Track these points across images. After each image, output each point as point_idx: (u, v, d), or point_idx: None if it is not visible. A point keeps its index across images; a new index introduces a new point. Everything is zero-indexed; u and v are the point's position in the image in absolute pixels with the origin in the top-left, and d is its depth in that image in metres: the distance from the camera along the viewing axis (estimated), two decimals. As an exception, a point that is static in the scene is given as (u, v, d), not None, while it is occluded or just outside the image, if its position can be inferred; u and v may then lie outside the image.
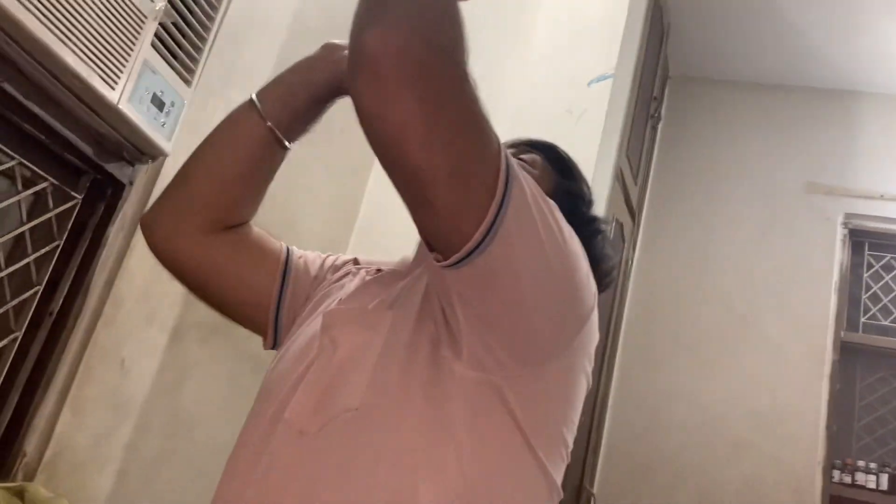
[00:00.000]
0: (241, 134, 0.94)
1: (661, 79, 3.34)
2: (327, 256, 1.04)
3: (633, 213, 3.13)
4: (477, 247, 0.69)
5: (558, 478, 0.82)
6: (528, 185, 0.73)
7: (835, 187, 3.33)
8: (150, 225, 0.97)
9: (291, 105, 0.94)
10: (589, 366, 0.84)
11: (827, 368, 3.05)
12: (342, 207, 2.29)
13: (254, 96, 0.95)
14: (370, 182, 2.37)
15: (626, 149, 2.65)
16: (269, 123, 0.93)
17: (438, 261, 0.72)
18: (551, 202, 0.77)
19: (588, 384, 0.85)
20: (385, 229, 2.29)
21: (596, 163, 2.22)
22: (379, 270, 0.97)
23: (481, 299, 0.74)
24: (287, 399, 0.81)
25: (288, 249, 1.01)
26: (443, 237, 0.71)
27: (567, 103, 2.29)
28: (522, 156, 0.98)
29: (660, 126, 3.45)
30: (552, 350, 0.79)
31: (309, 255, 1.03)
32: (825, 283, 3.17)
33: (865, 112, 3.41)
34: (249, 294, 0.97)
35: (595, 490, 2.83)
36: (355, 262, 1.02)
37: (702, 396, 3.09)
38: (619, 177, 2.56)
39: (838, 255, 3.22)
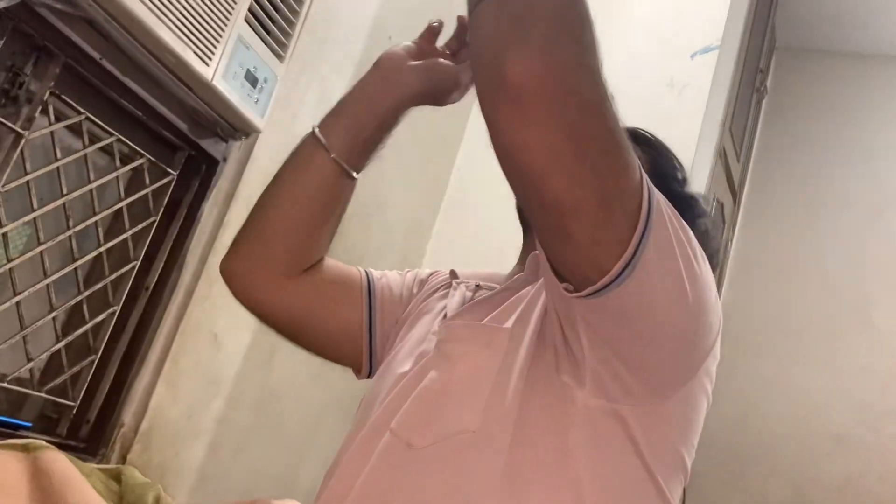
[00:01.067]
0: (309, 173, 0.91)
1: (768, 50, 3.15)
2: (407, 272, 1.02)
3: (735, 192, 2.98)
4: (614, 280, 0.65)
5: (675, 499, 0.78)
6: (668, 214, 0.69)
7: (958, 166, 3.08)
8: (230, 275, 0.95)
9: (359, 137, 0.91)
10: (710, 385, 0.80)
11: (943, 362, 2.85)
12: (429, 185, 2.26)
13: (317, 131, 0.91)
14: (458, 157, 2.33)
15: (730, 125, 2.51)
16: (334, 156, 0.90)
17: (570, 290, 0.69)
18: (685, 225, 0.72)
19: (708, 403, 0.81)
20: (473, 207, 2.25)
21: (698, 139, 2.11)
22: (478, 286, 0.93)
23: (613, 331, 0.70)
24: (394, 409, 0.80)
25: (368, 275, 0.99)
26: (579, 270, 0.67)
27: (669, 76, 2.18)
28: None
29: (765, 100, 3.27)
30: (682, 377, 0.76)
31: (390, 276, 1.01)
32: (945, 270, 2.95)
33: None
34: (339, 329, 0.96)
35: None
36: (453, 274, 0.98)
37: (803, 387, 2.94)
38: (721, 154, 2.43)
39: (960, 240, 2.99)
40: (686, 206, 0.86)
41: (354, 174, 0.92)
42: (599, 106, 0.62)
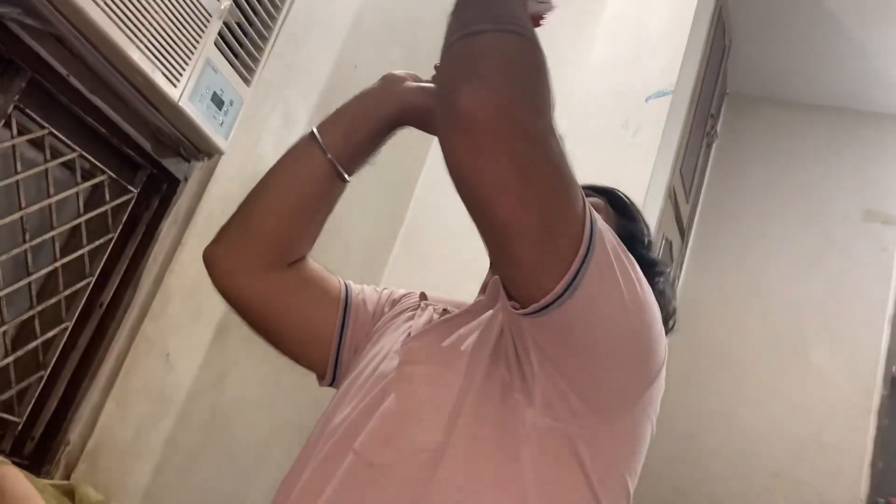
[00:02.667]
0: (303, 168, 0.94)
1: (719, 96, 3.27)
2: (384, 290, 1.04)
3: (683, 232, 3.07)
4: (556, 300, 0.70)
5: None
6: (609, 241, 0.73)
7: (893, 216, 3.22)
8: (211, 260, 0.96)
9: (353, 139, 0.94)
10: (654, 415, 0.83)
11: (875, 403, 2.95)
12: (389, 212, 2.28)
13: (315, 130, 0.95)
14: (418, 187, 2.36)
15: (681, 166, 2.60)
16: (329, 157, 0.93)
17: (516, 308, 0.73)
18: (630, 256, 0.77)
19: (652, 432, 0.84)
20: (431, 235, 2.27)
21: (650, 179, 2.17)
22: (445, 311, 0.96)
23: (558, 349, 0.74)
24: (357, 429, 0.81)
25: (347, 286, 1.01)
26: (524, 289, 0.72)
27: (623, 117, 2.25)
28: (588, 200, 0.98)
29: (714, 144, 3.38)
30: (627, 401, 0.79)
31: (367, 291, 1.03)
32: (879, 315, 3.07)
33: (930, 140, 3.30)
34: (310, 332, 0.97)
35: (628, 511, 2.78)
36: (423, 296, 1.01)
37: (742, 423, 3.01)
38: (671, 195, 2.51)
39: (894, 286, 3.11)
40: (648, 267, 0.92)
41: (346, 177, 0.95)
42: (544, 139, 0.68)
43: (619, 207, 1.00)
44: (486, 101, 0.64)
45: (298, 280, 0.97)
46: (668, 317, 0.92)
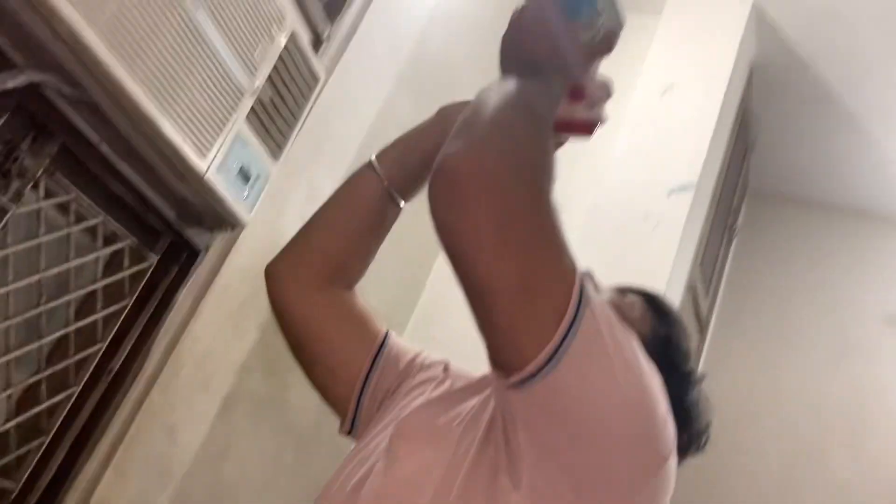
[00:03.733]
0: (360, 191, 1.03)
1: (741, 191, 3.28)
2: (420, 352, 1.04)
3: (702, 327, 3.03)
4: (538, 371, 0.67)
5: None
6: (602, 313, 0.70)
7: (916, 322, 3.17)
8: (270, 272, 1.03)
9: (406, 166, 1.02)
10: None
11: (898, 515, 2.84)
12: (406, 286, 2.27)
13: (373, 158, 1.03)
14: (436, 263, 2.36)
15: (701, 261, 2.58)
16: (385, 183, 1.00)
17: (499, 378, 0.70)
18: (630, 334, 0.74)
19: None
20: (446, 313, 2.25)
21: (670, 273, 2.16)
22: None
23: (544, 427, 0.71)
24: None
25: (386, 333, 1.03)
26: (503, 356, 0.70)
27: (644, 209, 2.25)
28: (625, 298, 0.96)
29: (735, 239, 3.37)
30: (621, 492, 0.74)
31: (404, 346, 1.03)
32: (901, 423, 2.99)
33: (953, 248, 3.27)
34: (340, 364, 0.99)
35: None
36: (445, 368, 1.01)
37: (757, 529, 2.90)
38: (691, 289, 2.49)
39: (918, 394, 3.04)
40: (682, 377, 0.90)
41: (401, 201, 1.02)
42: (529, 202, 0.67)
43: (657, 309, 0.98)
44: (469, 158, 0.65)
45: (343, 308, 1.01)
46: (701, 431, 0.89)
